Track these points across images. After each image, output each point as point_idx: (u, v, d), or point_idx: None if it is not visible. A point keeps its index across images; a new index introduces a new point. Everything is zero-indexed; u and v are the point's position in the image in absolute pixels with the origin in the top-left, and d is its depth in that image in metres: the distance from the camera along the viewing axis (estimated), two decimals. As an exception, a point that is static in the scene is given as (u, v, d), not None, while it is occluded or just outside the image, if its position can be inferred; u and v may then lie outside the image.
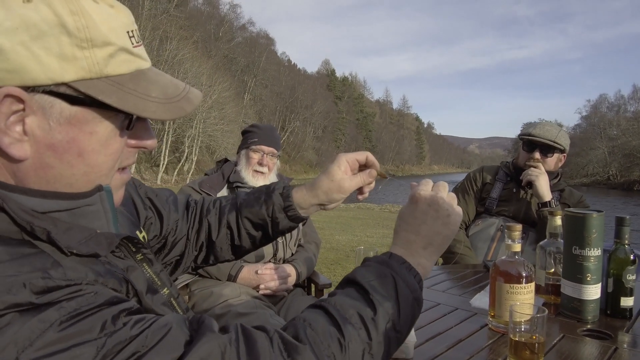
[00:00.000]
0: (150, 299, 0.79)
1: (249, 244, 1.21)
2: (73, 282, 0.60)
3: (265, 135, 2.51)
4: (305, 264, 2.46)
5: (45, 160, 0.66)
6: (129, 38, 0.70)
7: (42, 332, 0.54)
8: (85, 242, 0.68)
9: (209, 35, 57.20)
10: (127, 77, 0.69)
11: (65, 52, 0.62)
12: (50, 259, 0.62)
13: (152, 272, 0.86)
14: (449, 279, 1.95)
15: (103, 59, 0.66)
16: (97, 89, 0.65)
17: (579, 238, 1.40)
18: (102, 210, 0.74)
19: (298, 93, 72.50)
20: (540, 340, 1.08)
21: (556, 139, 2.57)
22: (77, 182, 0.70)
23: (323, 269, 6.35)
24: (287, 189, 1.16)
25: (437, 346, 1.24)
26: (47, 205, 0.67)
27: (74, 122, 0.66)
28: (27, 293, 0.55)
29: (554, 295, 1.56)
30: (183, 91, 0.76)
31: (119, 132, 0.72)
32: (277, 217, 1.15)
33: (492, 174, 2.83)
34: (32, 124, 0.64)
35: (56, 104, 0.64)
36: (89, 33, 0.64)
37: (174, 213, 1.17)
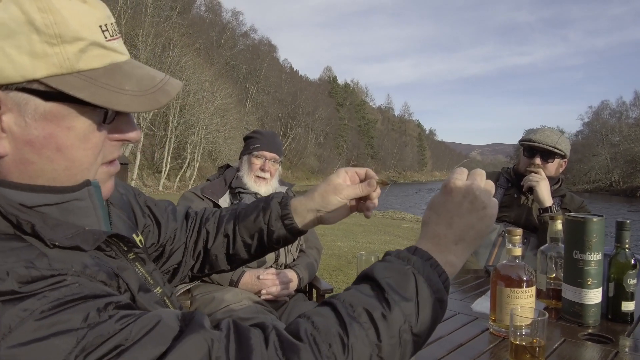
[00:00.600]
0: (143, 297, 0.79)
1: (244, 253, 1.18)
2: (57, 272, 0.60)
3: (267, 141, 2.52)
4: (307, 270, 2.46)
5: (25, 156, 0.67)
6: (102, 32, 0.70)
7: (21, 319, 0.54)
8: (71, 237, 0.68)
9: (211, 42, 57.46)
10: (101, 71, 0.69)
11: (36, 50, 0.63)
12: (36, 251, 0.62)
13: (145, 271, 0.85)
14: (450, 284, 1.95)
15: (74, 54, 0.66)
16: (69, 84, 0.66)
17: (580, 242, 1.40)
18: (92, 206, 0.74)
19: (300, 100, 72.66)
20: (541, 344, 1.09)
21: (556, 145, 2.57)
22: (59, 176, 0.70)
23: (325, 275, 6.34)
24: (285, 198, 1.15)
25: (438, 350, 1.24)
26: (36, 199, 0.68)
27: (49, 117, 0.67)
28: (10, 281, 0.56)
29: (555, 300, 1.56)
30: (160, 82, 0.75)
31: (96, 126, 0.72)
32: (273, 225, 1.13)
33: (493, 179, 2.83)
34: (9, 121, 0.65)
35: (30, 101, 0.65)
36: (58, 29, 0.64)
37: (172, 222, 1.17)
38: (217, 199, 2.37)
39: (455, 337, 1.33)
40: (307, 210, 1.12)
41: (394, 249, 0.83)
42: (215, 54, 56.07)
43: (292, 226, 1.12)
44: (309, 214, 1.12)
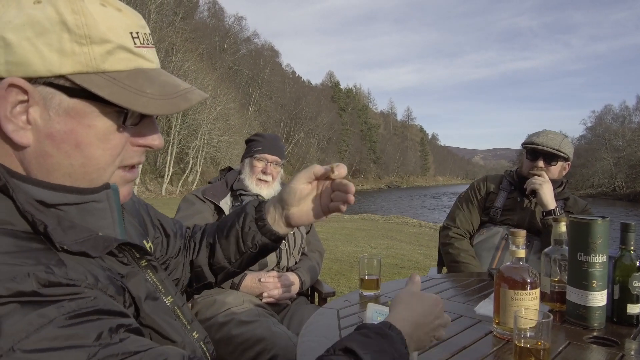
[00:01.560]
0: (150, 305, 0.80)
1: (224, 261, 1.18)
2: (73, 282, 0.62)
3: (269, 144, 2.52)
4: (309, 273, 2.45)
5: (45, 149, 0.70)
6: (132, 38, 0.74)
7: (40, 326, 0.55)
8: (82, 242, 0.69)
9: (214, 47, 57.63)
10: (125, 74, 0.73)
11: (65, 48, 0.67)
12: (55, 257, 0.64)
13: (156, 278, 0.86)
14: (453, 287, 1.94)
15: (100, 55, 0.70)
16: (92, 82, 0.70)
17: (584, 244, 1.39)
18: (109, 209, 0.77)
19: (302, 105, 72.72)
20: (546, 347, 1.07)
21: (559, 147, 2.56)
22: (74, 172, 0.73)
23: (327, 279, 6.32)
24: (262, 203, 1.15)
25: (441, 353, 1.23)
26: (56, 198, 0.71)
27: (72, 114, 0.70)
28: (31, 282, 0.57)
29: (559, 303, 1.54)
30: (183, 90, 0.78)
31: (117, 127, 0.75)
32: (248, 227, 1.12)
33: (496, 183, 2.82)
34: (34, 114, 0.69)
35: (56, 96, 0.69)
36: (88, 30, 0.68)
37: (180, 238, 1.20)
38: (218, 200, 2.36)
39: (458, 340, 1.32)
40: (274, 209, 1.12)
41: (396, 252, 0.86)
42: (218, 59, 56.23)
43: (266, 227, 1.12)
44: (276, 213, 1.12)
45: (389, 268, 7.14)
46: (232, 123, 42.23)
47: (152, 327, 0.80)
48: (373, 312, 1.23)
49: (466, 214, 2.78)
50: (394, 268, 7.25)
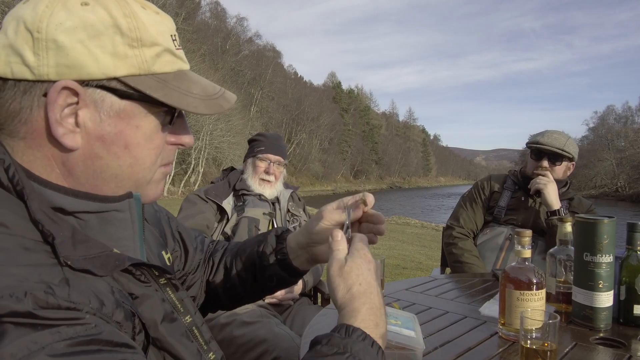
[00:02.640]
0: (166, 328, 0.76)
1: (239, 288, 1.14)
2: (74, 305, 0.57)
3: (271, 144, 2.51)
4: (312, 273, 2.44)
5: (95, 151, 0.70)
6: (172, 41, 0.76)
7: (31, 352, 0.51)
8: (91, 258, 0.65)
9: (216, 48, 57.69)
10: (171, 75, 0.74)
11: (118, 50, 0.68)
12: (60, 275, 0.60)
13: (176, 298, 0.82)
14: (457, 288, 1.93)
15: (151, 57, 0.71)
16: (145, 84, 0.70)
17: (590, 244, 1.38)
18: (130, 219, 0.76)
19: (304, 105, 72.72)
20: (553, 348, 1.06)
21: (564, 147, 2.55)
22: (122, 173, 0.73)
23: (329, 280, 6.30)
24: (285, 232, 1.11)
25: (446, 354, 1.21)
26: (76, 205, 0.70)
27: (122, 115, 0.71)
28: (28, 302, 0.53)
29: (564, 304, 1.53)
30: (220, 91, 0.80)
31: (161, 127, 0.76)
32: (266, 259, 1.08)
33: (500, 182, 2.80)
34: (84, 116, 0.69)
35: (107, 98, 0.69)
36: (139, 33, 0.70)
37: (200, 253, 1.18)
38: (220, 200, 2.35)
39: (463, 341, 1.31)
40: (298, 245, 1.07)
41: (398, 253, 0.81)
42: (220, 60, 56.28)
43: (286, 261, 1.07)
44: (300, 250, 1.06)
45: (391, 269, 7.13)
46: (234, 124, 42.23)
47: (168, 350, 0.76)
48: None
49: (470, 214, 2.77)
50: (396, 269, 7.23)
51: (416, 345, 1.09)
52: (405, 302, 1.68)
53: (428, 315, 1.54)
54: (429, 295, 1.79)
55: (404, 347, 1.09)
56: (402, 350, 1.09)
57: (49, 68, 0.65)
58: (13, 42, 0.65)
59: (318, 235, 1.02)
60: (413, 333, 1.15)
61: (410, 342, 1.10)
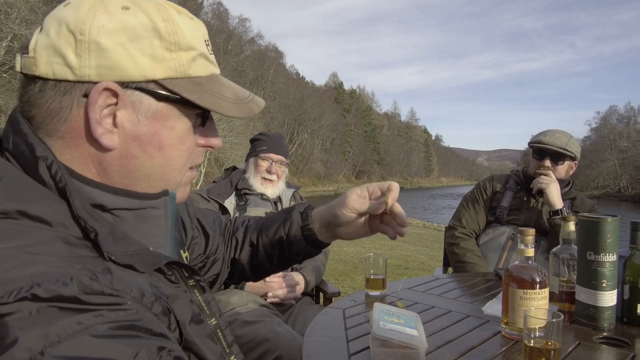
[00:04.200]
0: (193, 329, 0.77)
1: (266, 263, 1.20)
2: (117, 293, 0.58)
3: (273, 143, 2.51)
4: (314, 273, 2.44)
5: (130, 151, 0.72)
6: (206, 46, 0.78)
7: (74, 332, 0.52)
8: (131, 255, 0.67)
9: (218, 48, 57.70)
10: (205, 79, 0.77)
11: (156, 53, 0.70)
12: (102, 264, 0.62)
13: (203, 300, 0.83)
14: (459, 287, 1.92)
15: (187, 61, 0.73)
16: (182, 87, 0.73)
17: (594, 243, 1.37)
18: (164, 216, 0.78)
19: (306, 106, 72.71)
20: (556, 347, 1.05)
21: (566, 147, 2.54)
22: (154, 173, 0.75)
23: (331, 280, 6.30)
24: (308, 209, 1.17)
25: (449, 353, 1.21)
26: (117, 202, 0.72)
27: (158, 117, 0.73)
28: (73, 287, 0.54)
29: (568, 303, 1.52)
30: (250, 96, 0.83)
31: (193, 129, 0.78)
32: (293, 236, 1.15)
33: (502, 182, 2.80)
34: (122, 117, 0.70)
35: (145, 100, 0.71)
36: (177, 38, 0.72)
37: (219, 235, 1.21)
38: (222, 200, 2.35)
39: (466, 340, 1.30)
40: (321, 223, 1.14)
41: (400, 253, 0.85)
42: (222, 60, 56.29)
43: (312, 237, 1.14)
44: (323, 228, 1.14)
45: (393, 269, 7.12)
46: (235, 124, 42.22)
47: (194, 351, 0.76)
48: (380, 312, 1.22)
49: (472, 214, 2.76)
50: (398, 269, 7.23)
51: (419, 344, 1.09)
52: (408, 301, 1.67)
53: (431, 314, 1.53)
54: (431, 294, 1.79)
55: (407, 346, 1.08)
56: (405, 349, 1.09)
57: (90, 69, 0.67)
58: (55, 43, 0.67)
59: (341, 220, 1.11)
60: (416, 332, 1.15)
61: (413, 341, 1.10)
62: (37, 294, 0.52)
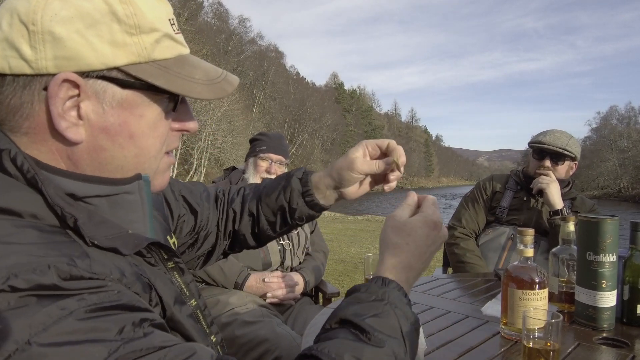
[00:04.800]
0: (178, 309, 0.77)
1: (269, 231, 1.18)
2: (97, 276, 0.58)
3: (273, 143, 2.51)
4: (313, 273, 2.43)
5: (99, 143, 0.69)
6: (171, 25, 0.74)
7: (58, 318, 0.52)
8: (113, 238, 0.67)
9: (218, 48, 57.75)
10: (172, 61, 0.73)
11: (117, 39, 0.66)
12: (79, 249, 0.61)
13: (182, 281, 0.83)
14: (459, 287, 1.92)
15: (150, 44, 0.69)
16: (147, 72, 0.69)
17: (593, 244, 1.37)
18: (140, 200, 0.75)
19: (306, 106, 72.78)
20: (555, 347, 1.05)
21: (567, 147, 2.53)
22: (128, 164, 0.73)
23: (331, 280, 6.30)
24: (306, 174, 1.14)
25: (447, 354, 1.21)
26: (89, 190, 0.69)
27: (125, 105, 0.69)
28: (52, 275, 0.54)
29: (567, 303, 1.52)
30: (222, 74, 0.79)
31: (164, 114, 0.75)
32: (295, 203, 1.12)
33: (502, 182, 2.79)
34: (86, 109, 0.67)
35: (109, 89, 0.68)
36: (137, 20, 0.67)
37: (207, 209, 1.18)
38: (222, 200, 2.35)
39: (465, 341, 1.30)
40: (325, 186, 1.11)
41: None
42: (222, 60, 56.32)
43: (314, 202, 1.12)
44: (327, 190, 1.11)
45: (394, 269, 7.11)
46: (236, 124, 42.30)
47: (179, 330, 0.77)
48: None
49: (472, 214, 2.76)
50: (398, 269, 7.22)
51: (418, 344, 1.08)
52: (407, 302, 1.67)
53: (430, 315, 1.53)
54: (430, 294, 1.78)
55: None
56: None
57: (47, 61, 0.63)
58: (8, 36, 0.63)
59: (346, 182, 1.08)
60: (415, 332, 1.14)
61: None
62: (15, 285, 0.52)
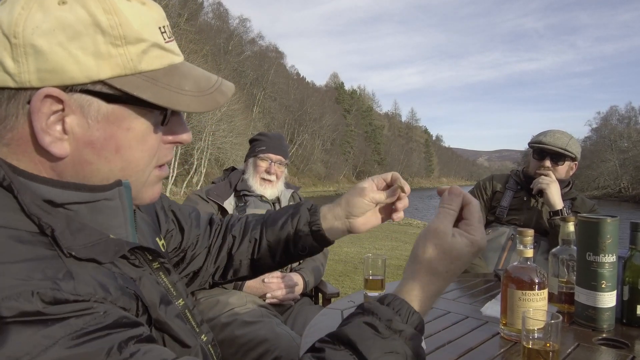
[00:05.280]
0: (164, 310, 0.77)
1: (268, 259, 1.16)
2: (81, 298, 0.58)
3: (273, 143, 2.50)
4: (313, 273, 2.43)
5: (84, 157, 0.68)
6: (161, 34, 0.71)
7: (46, 348, 0.52)
8: (91, 247, 0.66)
9: (218, 48, 57.76)
10: (161, 72, 0.70)
11: (101, 51, 0.64)
12: (63, 269, 0.60)
13: (169, 281, 0.83)
14: (458, 288, 1.91)
15: (137, 55, 0.67)
16: (133, 84, 0.67)
17: (593, 244, 1.36)
18: (121, 207, 0.73)
19: (307, 106, 72.75)
20: (555, 348, 1.05)
21: (567, 147, 2.53)
22: (114, 176, 0.71)
23: (331, 280, 6.29)
24: (315, 206, 1.14)
25: (447, 355, 1.20)
26: (66, 197, 0.67)
27: (111, 119, 0.67)
28: (36, 302, 0.54)
29: (567, 304, 1.51)
30: (216, 83, 0.76)
31: (154, 128, 0.73)
32: (301, 231, 1.11)
33: (502, 182, 2.79)
34: (71, 123, 0.66)
35: (94, 102, 0.66)
36: (122, 30, 0.65)
37: (195, 228, 1.17)
38: (221, 201, 2.34)
39: (464, 342, 1.30)
40: (334, 217, 1.11)
41: (400, 253, 0.81)
42: (222, 61, 56.34)
43: (320, 233, 1.11)
44: (336, 221, 1.11)
45: (394, 269, 7.11)
46: (236, 124, 42.28)
47: (167, 331, 0.77)
48: None
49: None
50: (398, 269, 7.22)
51: None
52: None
53: (429, 315, 1.52)
54: (430, 295, 1.78)
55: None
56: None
57: (30, 75, 0.62)
58: None
59: (357, 209, 1.08)
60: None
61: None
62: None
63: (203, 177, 39.16)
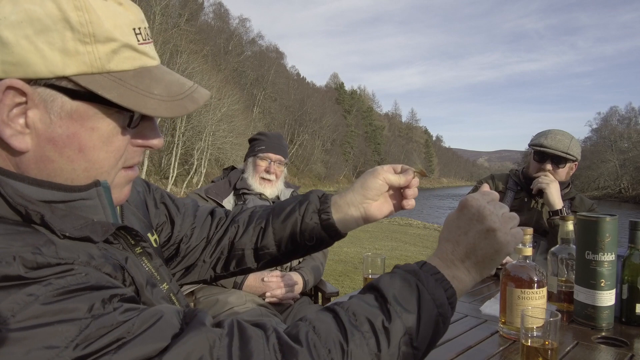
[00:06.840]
0: (150, 292, 0.78)
1: (272, 247, 1.13)
2: (64, 261, 0.59)
3: (272, 143, 2.50)
4: (313, 272, 2.43)
5: (46, 154, 0.66)
6: (135, 35, 0.70)
7: (26, 304, 0.53)
8: (81, 228, 0.67)
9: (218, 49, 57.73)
10: (130, 73, 0.69)
11: (68, 47, 0.63)
12: (43, 237, 0.62)
13: (152, 266, 0.84)
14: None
15: (105, 54, 0.66)
16: (98, 83, 0.65)
17: (592, 243, 1.36)
18: (100, 205, 0.73)
19: (307, 106, 72.70)
20: (554, 346, 1.05)
21: (568, 150, 2.50)
22: (77, 177, 0.70)
23: (331, 280, 6.29)
24: (326, 194, 1.12)
25: (446, 353, 1.21)
26: (42, 195, 0.67)
27: (75, 117, 0.66)
28: (17, 266, 0.55)
29: (566, 303, 1.52)
30: (189, 90, 0.74)
31: (121, 129, 0.71)
32: (308, 218, 1.08)
33: (504, 182, 2.78)
34: (34, 117, 0.65)
35: (57, 98, 0.65)
36: (92, 28, 0.64)
37: (189, 218, 1.15)
38: (221, 200, 2.35)
39: (464, 340, 1.30)
40: (348, 203, 1.07)
41: (400, 254, 0.83)
42: (222, 61, 56.33)
43: (329, 221, 1.07)
44: (351, 208, 1.07)
45: (393, 269, 7.11)
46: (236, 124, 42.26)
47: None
48: None
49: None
50: (398, 269, 7.22)
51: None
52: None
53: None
54: (429, 294, 1.78)
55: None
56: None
57: None
58: None
59: (372, 191, 1.06)
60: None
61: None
62: None
63: (203, 177, 39.14)
